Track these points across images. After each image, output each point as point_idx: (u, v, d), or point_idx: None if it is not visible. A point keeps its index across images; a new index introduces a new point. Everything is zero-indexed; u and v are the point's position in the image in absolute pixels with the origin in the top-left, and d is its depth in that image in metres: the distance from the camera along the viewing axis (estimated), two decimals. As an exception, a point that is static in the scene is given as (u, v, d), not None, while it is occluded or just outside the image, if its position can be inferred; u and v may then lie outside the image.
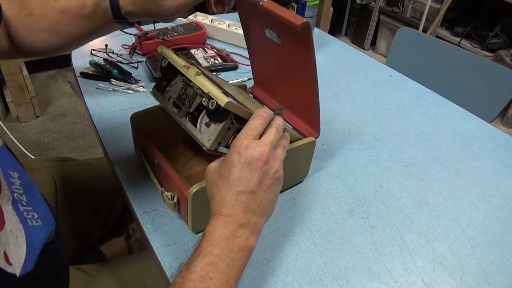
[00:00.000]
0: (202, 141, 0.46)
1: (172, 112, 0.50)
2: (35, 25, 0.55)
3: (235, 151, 0.41)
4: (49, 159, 0.77)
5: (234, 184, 0.41)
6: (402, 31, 1.17)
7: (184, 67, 0.48)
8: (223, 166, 0.42)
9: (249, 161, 0.41)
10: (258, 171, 0.41)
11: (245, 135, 0.42)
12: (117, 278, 0.61)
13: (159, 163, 0.51)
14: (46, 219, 0.44)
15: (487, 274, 0.51)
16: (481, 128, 0.79)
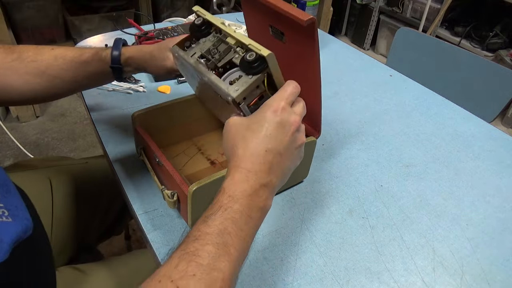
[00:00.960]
0: (229, 91, 0.44)
1: (194, 65, 0.49)
2: (22, 67, 0.55)
3: (271, 109, 0.41)
4: (45, 159, 0.77)
5: (265, 140, 0.40)
6: (402, 31, 1.17)
7: (222, 23, 0.49)
8: (254, 121, 0.41)
9: (284, 123, 0.41)
10: (289, 136, 0.41)
11: (282, 98, 0.42)
12: (113, 276, 0.61)
13: (159, 162, 0.51)
14: (18, 217, 0.42)
15: (487, 274, 0.51)
16: (481, 128, 0.79)
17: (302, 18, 0.43)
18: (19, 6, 1.86)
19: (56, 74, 0.56)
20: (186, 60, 0.50)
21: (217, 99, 0.51)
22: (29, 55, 0.56)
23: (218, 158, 0.64)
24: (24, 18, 1.91)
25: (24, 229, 0.42)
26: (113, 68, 0.58)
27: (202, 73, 0.47)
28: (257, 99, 0.46)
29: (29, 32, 1.97)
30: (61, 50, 0.58)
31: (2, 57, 0.55)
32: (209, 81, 0.46)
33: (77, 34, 2.03)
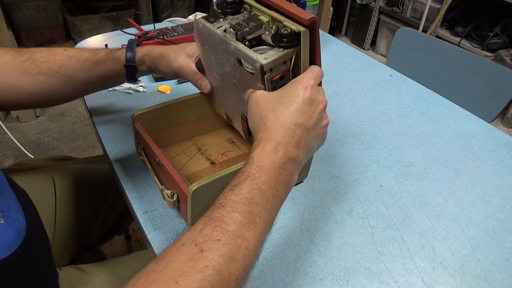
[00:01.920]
0: (258, 58, 0.44)
1: (221, 35, 0.49)
2: (33, 68, 0.55)
3: (302, 85, 0.42)
4: (48, 158, 0.77)
5: (295, 114, 0.41)
6: (402, 31, 1.17)
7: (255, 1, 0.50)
8: (284, 95, 0.42)
9: (313, 100, 0.42)
10: (317, 113, 0.42)
11: (311, 77, 0.43)
12: (115, 277, 0.61)
13: (159, 161, 0.51)
14: (10, 218, 0.42)
15: (487, 274, 0.51)
16: (481, 128, 0.79)
17: (303, 17, 0.43)
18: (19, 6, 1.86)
19: (69, 73, 0.56)
20: (212, 30, 0.50)
21: (234, 79, 0.51)
22: (41, 55, 0.56)
23: (218, 158, 0.64)
24: (24, 18, 1.91)
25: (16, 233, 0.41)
26: (127, 67, 0.58)
27: (228, 42, 0.47)
28: (279, 78, 0.46)
29: (29, 32, 1.97)
30: (74, 51, 0.58)
31: (11, 59, 0.55)
32: (235, 49, 0.46)
33: (77, 34, 2.03)
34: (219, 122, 0.68)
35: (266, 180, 0.37)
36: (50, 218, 0.66)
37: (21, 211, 0.45)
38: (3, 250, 0.39)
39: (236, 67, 0.49)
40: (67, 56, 0.57)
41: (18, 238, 0.42)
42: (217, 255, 0.31)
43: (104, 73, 0.58)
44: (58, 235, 0.67)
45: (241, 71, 0.49)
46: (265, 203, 0.36)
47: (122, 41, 0.96)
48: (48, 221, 0.65)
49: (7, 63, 0.55)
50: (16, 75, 0.55)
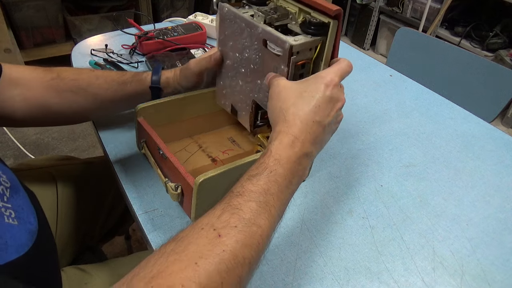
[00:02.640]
0: (287, 39, 0.46)
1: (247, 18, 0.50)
2: (61, 85, 0.57)
3: (324, 81, 0.43)
4: (50, 158, 0.77)
5: (314, 111, 0.42)
6: (402, 31, 1.17)
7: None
8: (306, 89, 0.43)
9: (333, 98, 0.43)
10: (334, 112, 0.43)
11: (336, 73, 0.44)
12: (116, 277, 0.61)
13: (163, 154, 0.51)
14: (23, 220, 0.43)
15: (487, 274, 0.51)
16: (481, 128, 0.79)
17: (331, 8, 0.46)
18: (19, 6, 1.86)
19: (96, 91, 0.58)
20: (238, 14, 0.51)
21: (252, 65, 0.52)
22: (69, 74, 0.58)
23: (219, 155, 0.64)
24: (24, 18, 1.91)
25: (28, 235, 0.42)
26: (152, 88, 0.60)
27: (256, 25, 0.49)
28: (301, 64, 0.48)
29: (29, 32, 1.97)
30: (101, 72, 0.61)
31: (41, 76, 0.57)
32: (263, 31, 0.48)
33: (77, 34, 2.03)
34: (220, 121, 0.68)
35: (282, 173, 0.39)
36: (52, 218, 0.66)
37: (33, 212, 0.46)
38: (16, 250, 0.40)
39: (258, 51, 0.50)
40: (95, 76, 0.59)
41: (30, 240, 0.43)
42: (233, 241, 0.33)
43: (129, 93, 0.60)
44: (60, 235, 0.67)
45: (263, 54, 0.50)
46: (279, 194, 0.38)
47: (122, 41, 0.96)
48: (50, 221, 0.65)
49: (36, 80, 0.57)
50: (45, 91, 0.57)
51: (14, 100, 0.55)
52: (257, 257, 0.35)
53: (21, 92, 0.55)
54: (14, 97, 0.55)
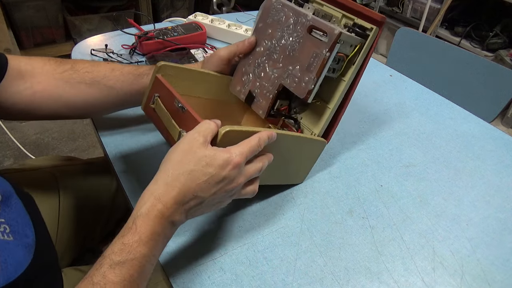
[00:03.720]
0: (336, 27, 0.49)
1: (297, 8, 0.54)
2: (75, 77, 0.56)
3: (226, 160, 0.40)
4: (51, 158, 0.77)
5: (200, 187, 0.40)
6: (402, 31, 1.17)
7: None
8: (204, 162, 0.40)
9: (227, 179, 0.41)
10: (222, 192, 0.42)
11: (242, 154, 0.42)
12: None
13: (182, 106, 0.49)
14: (19, 234, 0.41)
15: (487, 274, 0.51)
16: (481, 128, 0.79)
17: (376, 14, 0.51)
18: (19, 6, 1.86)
19: (112, 84, 0.57)
20: (286, 3, 0.55)
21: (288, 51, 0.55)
22: (84, 66, 0.57)
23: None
24: (24, 18, 1.91)
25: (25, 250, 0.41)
26: None
27: (305, 13, 0.52)
28: (338, 58, 0.52)
29: (29, 32, 1.97)
30: (116, 64, 0.59)
31: (53, 68, 0.55)
32: (312, 19, 0.51)
33: (77, 34, 2.03)
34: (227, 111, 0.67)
35: (146, 254, 0.38)
36: (52, 220, 0.66)
37: (29, 223, 0.45)
38: (14, 269, 0.39)
39: (300, 38, 0.53)
40: (110, 69, 0.58)
41: (28, 255, 0.41)
42: None
43: (145, 86, 0.59)
44: (60, 237, 0.66)
45: (304, 41, 0.52)
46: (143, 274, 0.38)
47: (122, 41, 0.96)
48: (50, 222, 0.65)
49: (48, 72, 0.55)
50: (57, 83, 0.55)
51: (21, 94, 0.53)
52: None
53: (30, 86, 0.54)
54: (22, 91, 0.53)
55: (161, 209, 0.39)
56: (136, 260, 0.37)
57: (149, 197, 0.40)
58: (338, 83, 0.56)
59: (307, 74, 0.52)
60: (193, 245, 0.51)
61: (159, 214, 0.39)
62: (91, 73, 0.57)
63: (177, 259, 0.49)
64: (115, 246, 0.38)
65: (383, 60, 1.10)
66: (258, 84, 0.59)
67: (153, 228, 0.38)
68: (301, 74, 0.53)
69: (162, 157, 0.42)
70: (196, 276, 0.47)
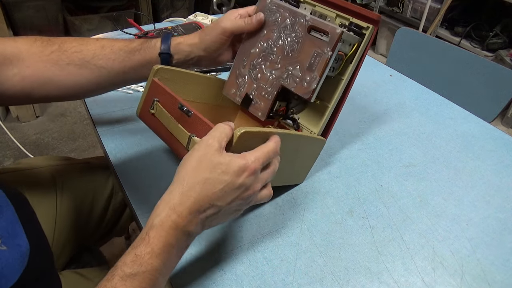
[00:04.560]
0: (336, 26, 0.50)
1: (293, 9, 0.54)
2: (63, 58, 0.53)
3: (241, 167, 0.39)
4: (49, 158, 0.77)
5: (216, 196, 0.39)
6: (402, 31, 1.17)
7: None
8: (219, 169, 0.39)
9: (243, 186, 0.40)
10: (239, 200, 0.40)
11: (258, 160, 0.41)
12: None
13: (187, 110, 0.48)
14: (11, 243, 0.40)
15: (487, 274, 0.51)
16: (481, 128, 0.79)
17: (372, 13, 0.52)
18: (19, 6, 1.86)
19: (103, 64, 0.54)
20: (281, 4, 0.55)
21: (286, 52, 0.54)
22: (72, 45, 0.54)
23: None
24: (24, 18, 1.91)
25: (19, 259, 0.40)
26: (162, 55, 0.56)
27: (303, 14, 0.52)
28: (338, 56, 0.52)
29: (29, 32, 1.97)
30: (107, 41, 0.56)
31: (40, 50, 0.53)
32: (311, 19, 0.52)
33: (77, 34, 2.03)
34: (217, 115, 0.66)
35: (158, 267, 0.37)
36: (50, 220, 0.66)
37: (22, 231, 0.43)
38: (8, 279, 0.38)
39: (299, 38, 0.53)
40: (100, 46, 0.55)
41: (21, 263, 0.41)
42: None
43: (138, 63, 0.56)
44: (58, 236, 0.66)
45: (304, 41, 0.52)
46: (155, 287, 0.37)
47: (122, 41, 0.96)
48: (48, 222, 0.65)
49: (36, 54, 0.53)
50: (46, 66, 0.53)
51: (11, 81, 0.51)
52: None
53: (18, 71, 0.52)
54: (11, 77, 0.51)
55: (175, 219, 0.38)
56: (148, 273, 0.36)
57: (164, 207, 0.38)
58: (336, 81, 0.56)
59: (308, 73, 0.52)
60: (193, 245, 0.51)
61: (173, 225, 0.38)
62: (80, 52, 0.54)
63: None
64: (128, 257, 0.37)
65: (383, 60, 1.10)
66: (255, 86, 0.58)
67: (167, 240, 0.37)
68: (302, 74, 0.53)
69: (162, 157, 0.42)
70: (196, 276, 0.47)
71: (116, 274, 0.36)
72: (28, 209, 0.48)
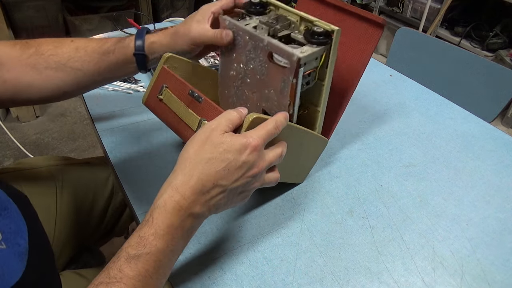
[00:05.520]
0: (294, 51, 0.45)
1: (250, 31, 0.50)
2: (41, 62, 0.54)
3: (243, 144, 0.39)
4: (50, 158, 0.77)
5: (220, 174, 0.38)
6: (402, 31, 1.17)
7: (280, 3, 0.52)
8: (221, 149, 0.39)
9: (247, 163, 0.39)
10: (245, 179, 0.40)
11: (260, 137, 0.40)
12: None
13: (198, 96, 0.48)
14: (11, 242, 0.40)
15: (487, 274, 0.51)
16: (481, 128, 0.79)
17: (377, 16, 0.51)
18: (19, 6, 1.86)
19: (78, 66, 0.54)
20: (241, 27, 0.50)
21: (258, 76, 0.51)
22: (48, 48, 0.54)
23: None
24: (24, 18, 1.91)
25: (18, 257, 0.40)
26: (137, 56, 0.56)
27: (260, 38, 0.48)
28: (308, 73, 0.48)
29: (29, 32, 1.97)
30: (82, 42, 0.56)
31: (19, 54, 0.53)
32: (269, 44, 0.47)
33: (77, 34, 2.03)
34: None
35: (162, 248, 0.37)
36: (50, 220, 0.66)
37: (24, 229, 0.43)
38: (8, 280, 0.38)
39: (264, 63, 0.50)
40: (75, 48, 0.55)
41: (21, 262, 0.40)
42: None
43: (113, 64, 0.56)
44: (58, 236, 0.66)
45: (269, 67, 0.49)
46: (161, 270, 0.37)
47: (122, 41, 0.96)
48: (48, 222, 0.65)
49: (15, 59, 0.53)
50: (25, 70, 0.53)
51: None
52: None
53: (0, 75, 0.52)
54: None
55: (179, 200, 0.38)
56: (151, 255, 0.36)
57: (166, 188, 0.38)
58: (319, 87, 0.54)
59: (282, 98, 0.50)
60: (193, 245, 0.51)
61: (177, 205, 0.37)
62: (55, 55, 0.54)
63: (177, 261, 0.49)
64: (132, 239, 0.37)
65: (383, 60, 1.10)
66: (248, 106, 0.57)
67: (170, 221, 0.37)
68: (277, 98, 0.51)
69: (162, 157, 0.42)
70: (196, 276, 0.47)
71: (121, 255, 0.36)
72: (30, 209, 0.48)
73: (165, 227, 0.37)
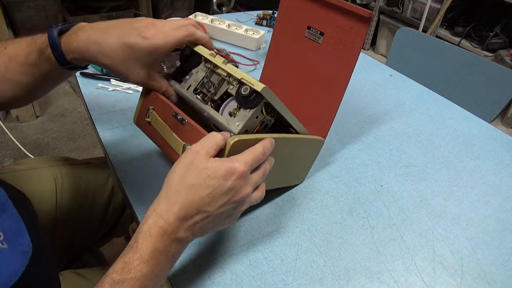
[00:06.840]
0: (230, 126, 0.44)
1: (192, 99, 0.49)
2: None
3: (229, 170, 0.38)
4: (50, 159, 0.77)
5: (204, 200, 0.38)
6: (402, 31, 1.17)
7: (211, 55, 0.48)
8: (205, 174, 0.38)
9: (233, 190, 0.39)
10: (230, 204, 0.40)
11: (246, 162, 0.40)
12: None
13: (182, 118, 0.47)
14: (13, 242, 0.40)
15: (487, 274, 0.51)
16: (481, 128, 0.79)
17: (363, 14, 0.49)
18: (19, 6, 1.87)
19: (14, 77, 0.51)
20: (184, 94, 0.50)
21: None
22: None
23: None
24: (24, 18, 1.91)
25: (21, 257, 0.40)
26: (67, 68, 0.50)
27: (201, 108, 0.48)
28: (259, 127, 0.47)
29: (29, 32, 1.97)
30: (13, 50, 0.51)
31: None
32: (208, 115, 0.47)
33: (77, 34, 2.03)
34: None
35: (147, 273, 0.37)
36: (50, 221, 0.66)
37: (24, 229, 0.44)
38: (9, 278, 0.38)
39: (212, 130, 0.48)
40: (8, 58, 0.50)
41: (23, 262, 0.41)
42: None
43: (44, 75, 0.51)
44: (58, 237, 0.66)
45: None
46: None
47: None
48: (48, 222, 0.65)
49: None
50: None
51: None
52: None
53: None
54: None
55: (162, 225, 0.38)
56: (136, 280, 0.36)
57: (151, 213, 0.38)
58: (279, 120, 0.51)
59: None
60: (193, 245, 0.51)
61: (161, 231, 0.38)
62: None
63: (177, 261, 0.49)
64: (117, 264, 0.37)
65: (383, 60, 1.10)
66: None
67: (155, 246, 0.37)
68: None
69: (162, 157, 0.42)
70: (196, 276, 0.47)
71: (105, 281, 0.36)
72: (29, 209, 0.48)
73: (149, 252, 0.37)
